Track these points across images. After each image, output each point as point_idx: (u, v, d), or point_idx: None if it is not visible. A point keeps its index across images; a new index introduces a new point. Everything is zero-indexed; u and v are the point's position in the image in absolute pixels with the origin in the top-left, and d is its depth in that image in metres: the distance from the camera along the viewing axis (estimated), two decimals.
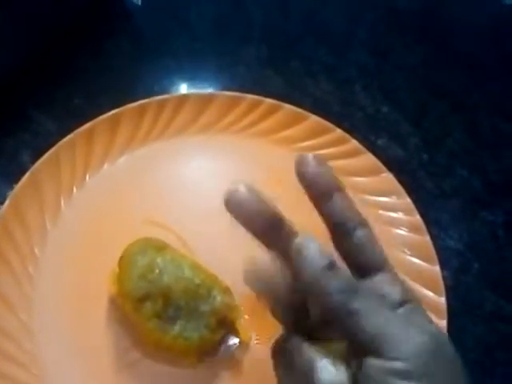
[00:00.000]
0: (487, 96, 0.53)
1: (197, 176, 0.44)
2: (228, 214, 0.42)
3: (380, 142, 0.49)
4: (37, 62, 0.50)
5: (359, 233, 0.25)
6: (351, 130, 0.47)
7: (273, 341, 0.26)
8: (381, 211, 0.43)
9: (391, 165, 0.45)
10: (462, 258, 0.43)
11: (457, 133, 0.50)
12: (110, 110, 0.45)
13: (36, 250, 0.38)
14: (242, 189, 0.25)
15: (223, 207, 0.42)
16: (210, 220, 0.41)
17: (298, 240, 0.24)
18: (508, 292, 0.42)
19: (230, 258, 0.39)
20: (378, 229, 0.41)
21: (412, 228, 0.42)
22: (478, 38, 0.58)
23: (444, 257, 0.42)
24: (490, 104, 0.53)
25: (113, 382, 0.34)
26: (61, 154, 0.42)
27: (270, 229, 0.25)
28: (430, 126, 0.51)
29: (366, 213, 0.42)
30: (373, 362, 0.22)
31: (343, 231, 0.25)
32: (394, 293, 0.24)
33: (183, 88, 0.51)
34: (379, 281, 0.25)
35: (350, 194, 0.43)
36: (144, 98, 0.46)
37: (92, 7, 0.54)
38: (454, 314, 0.39)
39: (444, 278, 0.40)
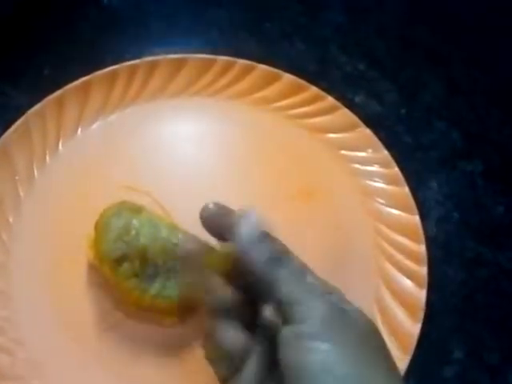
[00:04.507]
0: (461, 48, 0.53)
1: (172, 140, 0.43)
2: (204, 176, 0.42)
3: (358, 99, 0.49)
4: (3, 34, 0.48)
5: None
6: (329, 88, 0.47)
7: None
8: (358, 165, 0.42)
9: (370, 121, 0.45)
10: (442, 208, 0.43)
11: (433, 86, 0.50)
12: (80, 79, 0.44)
13: (10, 219, 0.37)
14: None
15: (199, 169, 0.42)
16: (186, 183, 0.41)
17: (238, 212, 0.27)
18: (488, 239, 0.42)
19: None
20: (356, 182, 0.42)
21: (390, 180, 0.41)
22: None
23: (424, 208, 0.42)
24: (464, 56, 0.52)
25: (95, 345, 0.34)
26: (31, 122, 0.41)
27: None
28: (406, 81, 0.51)
29: (344, 167, 0.43)
30: (285, 329, 0.24)
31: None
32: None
33: (155, 54, 0.50)
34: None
35: (327, 150, 0.44)
36: (115, 65, 0.45)
37: None
38: (435, 262, 0.39)
39: (425, 228, 0.40)
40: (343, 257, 0.38)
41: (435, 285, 0.38)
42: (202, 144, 0.44)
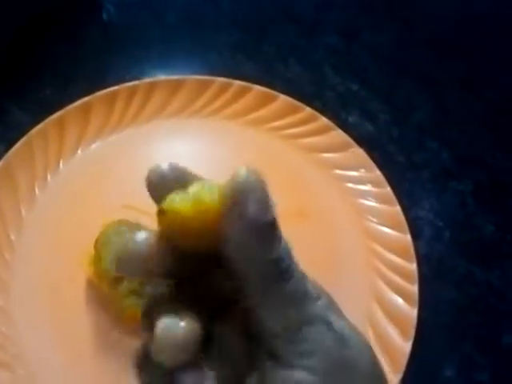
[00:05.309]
0: (451, 72, 0.54)
1: (169, 160, 0.44)
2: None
3: (351, 119, 0.50)
4: (7, 54, 0.50)
5: None
6: (323, 109, 0.48)
7: None
8: (351, 184, 0.44)
9: (363, 141, 0.46)
10: (434, 227, 0.44)
11: (425, 107, 0.52)
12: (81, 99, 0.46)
13: (12, 236, 0.38)
14: (164, 166, 0.21)
15: None
16: None
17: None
18: (479, 257, 0.43)
19: None
20: (349, 201, 0.43)
21: (382, 199, 0.42)
22: (441, 18, 0.60)
23: (416, 227, 0.43)
24: (454, 79, 0.54)
25: (94, 362, 0.35)
26: (33, 142, 0.42)
27: None
28: (399, 102, 0.52)
29: (337, 187, 0.44)
30: (275, 369, 0.19)
31: None
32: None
33: (154, 76, 0.51)
34: None
35: (320, 169, 0.45)
36: (116, 86, 0.47)
37: None
38: (427, 281, 0.40)
39: (417, 247, 0.41)
40: (335, 275, 0.39)
41: (426, 303, 0.39)
42: (198, 164, 0.43)
